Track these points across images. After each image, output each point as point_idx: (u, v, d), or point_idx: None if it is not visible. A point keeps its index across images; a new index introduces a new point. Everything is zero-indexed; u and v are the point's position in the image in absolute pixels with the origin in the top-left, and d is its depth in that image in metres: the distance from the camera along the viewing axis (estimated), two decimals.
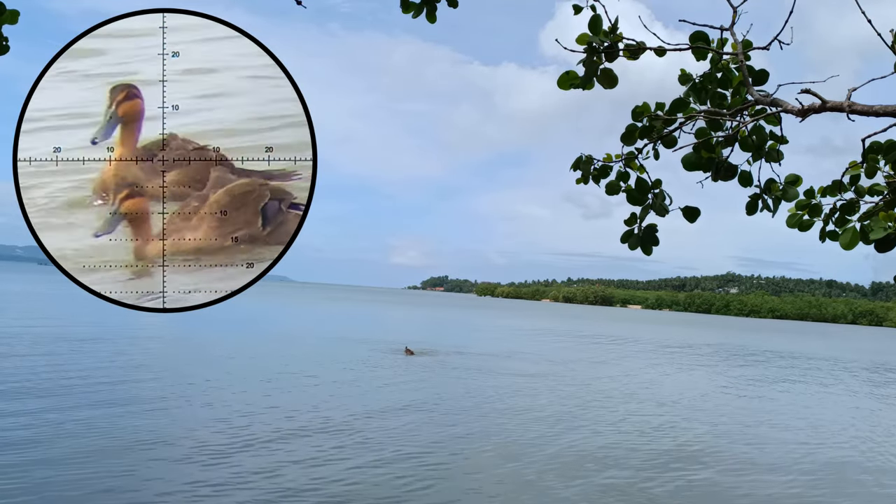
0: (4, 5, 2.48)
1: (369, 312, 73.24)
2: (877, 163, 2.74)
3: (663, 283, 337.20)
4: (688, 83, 3.02)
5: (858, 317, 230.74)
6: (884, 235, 2.61)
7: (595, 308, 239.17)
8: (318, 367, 21.78)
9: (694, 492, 10.49)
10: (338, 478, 9.80)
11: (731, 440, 14.72)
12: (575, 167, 3.15)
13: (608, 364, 30.30)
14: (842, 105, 2.59)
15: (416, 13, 3.32)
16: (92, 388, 15.34)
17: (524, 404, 17.43)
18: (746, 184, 2.97)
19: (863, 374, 35.43)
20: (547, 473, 10.86)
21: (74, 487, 8.64)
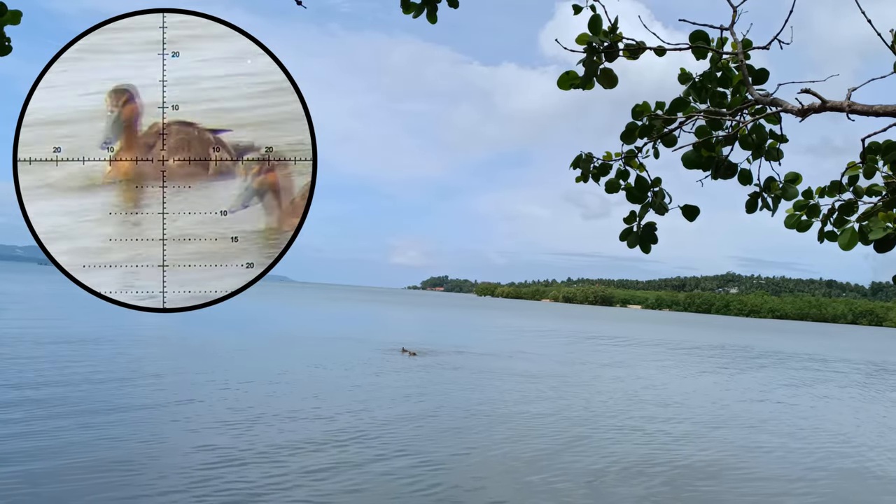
0: (6, 6, 2.49)
1: (369, 312, 73.26)
2: (875, 163, 2.74)
3: (663, 283, 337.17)
4: (688, 82, 3.02)
5: (858, 317, 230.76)
6: (883, 236, 2.61)
7: (595, 308, 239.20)
8: (318, 368, 21.77)
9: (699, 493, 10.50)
10: (339, 478, 9.80)
11: (741, 445, 14.72)
12: (575, 165, 3.16)
13: (612, 365, 30.30)
14: (842, 105, 2.60)
15: (417, 13, 3.33)
16: (92, 388, 15.34)
17: (527, 405, 17.43)
18: (746, 182, 2.98)
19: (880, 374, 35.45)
20: (552, 475, 10.86)
21: (74, 488, 8.64)
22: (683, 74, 3.01)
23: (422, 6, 3.31)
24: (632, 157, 3.07)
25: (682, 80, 3.02)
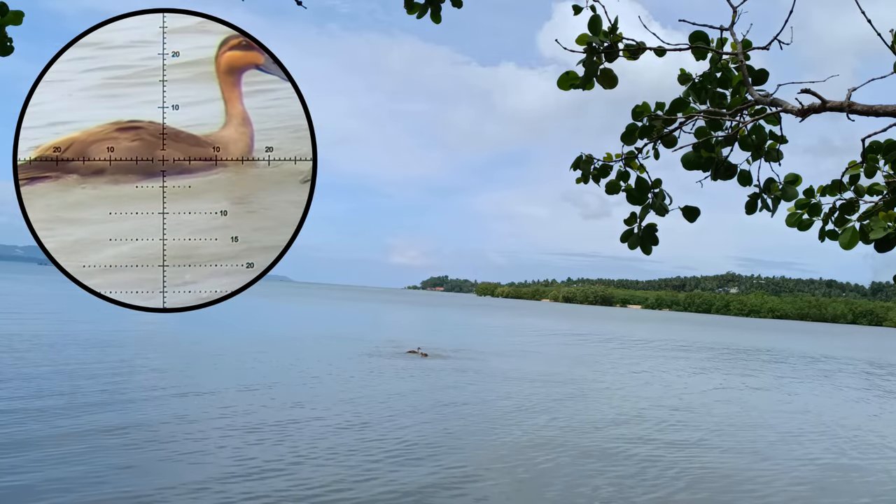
0: (7, 6, 2.49)
1: (369, 312, 73.22)
2: (876, 162, 2.74)
3: (663, 283, 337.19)
4: (688, 83, 3.02)
5: (858, 317, 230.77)
6: (883, 235, 2.61)
7: (595, 308, 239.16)
8: (319, 368, 21.76)
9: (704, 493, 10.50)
10: (339, 478, 9.80)
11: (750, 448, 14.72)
12: (575, 167, 3.15)
13: (615, 366, 30.30)
14: (842, 105, 2.60)
15: (421, 14, 3.32)
16: (92, 388, 15.33)
17: (530, 406, 17.43)
18: (746, 183, 2.98)
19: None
20: (555, 475, 10.86)
21: (74, 487, 8.64)
22: (683, 75, 3.01)
23: (426, 6, 3.31)
24: (632, 158, 3.07)
25: (682, 80, 3.02)
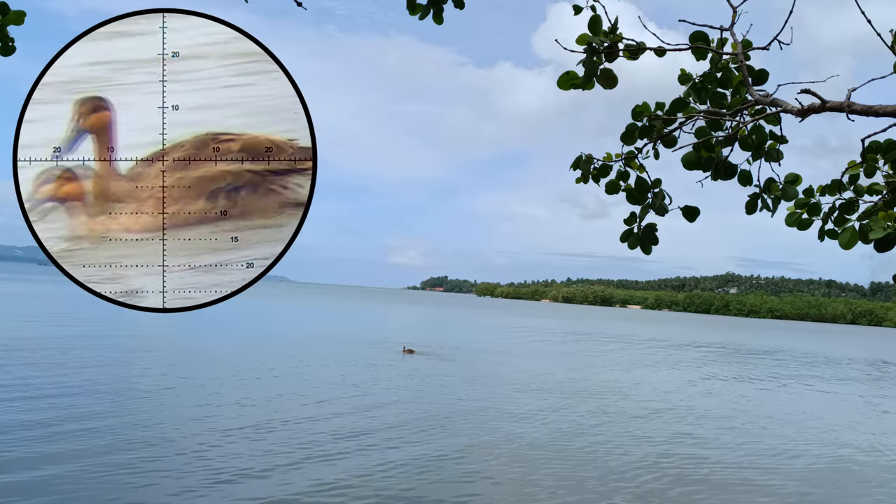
0: (8, 6, 2.49)
1: (369, 312, 73.18)
2: (876, 162, 2.74)
3: (663, 283, 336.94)
4: (688, 83, 3.01)
5: (858, 317, 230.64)
6: (883, 235, 2.60)
7: (595, 308, 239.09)
8: (319, 368, 21.76)
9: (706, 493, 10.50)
10: (340, 479, 9.80)
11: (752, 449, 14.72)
12: (575, 166, 3.15)
13: (615, 366, 30.30)
14: (841, 105, 2.59)
15: (423, 15, 3.32)
16: (91, 388, 15.33)
17: (531, 405, 17.43)
18: (746, 183, 2.97)
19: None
20: (555, 475, 10.86)
21: (74, 488, 8.64)
22: (683, 75, 3.01)
23: (428, 7, 3.30)
24: (632, 158, 3.07)
25: (682, 80, 3.01)
